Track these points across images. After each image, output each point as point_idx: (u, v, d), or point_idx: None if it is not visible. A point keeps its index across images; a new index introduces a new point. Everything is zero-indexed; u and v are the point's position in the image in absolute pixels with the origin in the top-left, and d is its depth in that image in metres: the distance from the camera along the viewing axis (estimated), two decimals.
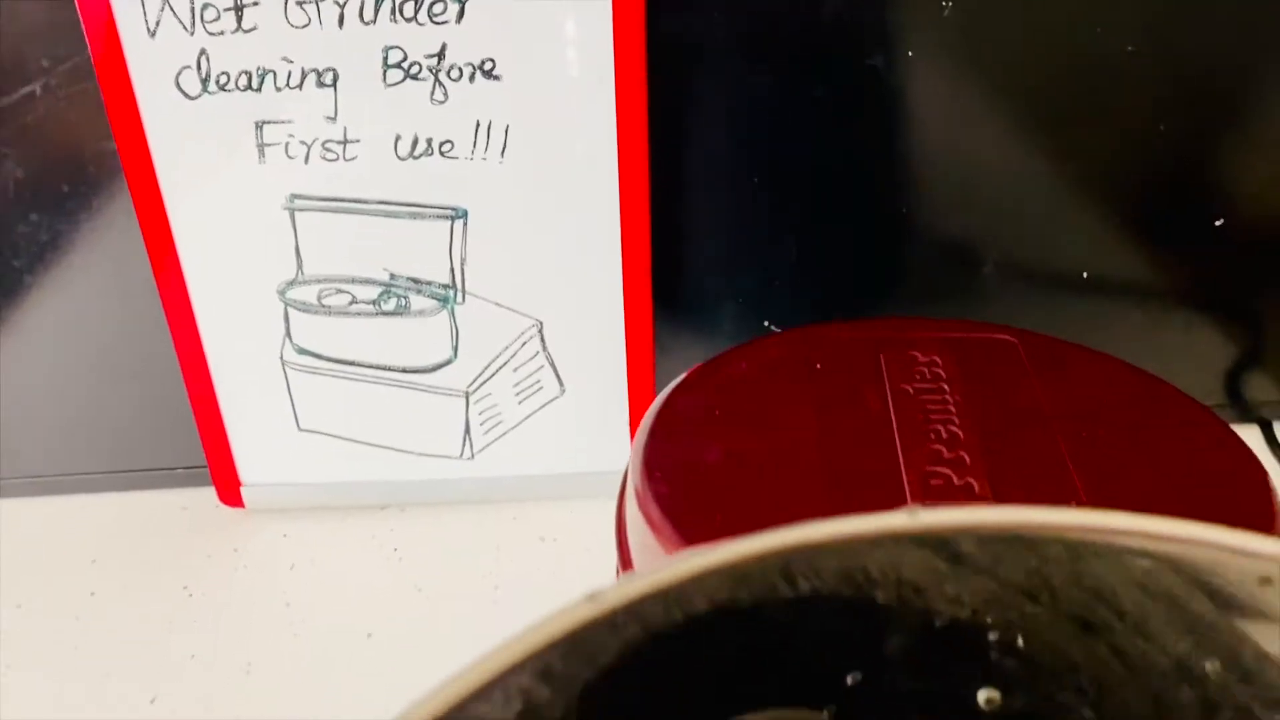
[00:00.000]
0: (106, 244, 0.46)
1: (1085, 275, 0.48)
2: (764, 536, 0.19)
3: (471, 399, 0.48)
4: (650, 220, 0.44)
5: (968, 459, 0.27)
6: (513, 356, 0.47)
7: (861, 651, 0.21)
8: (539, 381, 0.48)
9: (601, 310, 0.46)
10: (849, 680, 0.22)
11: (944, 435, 0.28)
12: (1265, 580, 0.18)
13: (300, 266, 0.45)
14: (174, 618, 0.46)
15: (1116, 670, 0.20)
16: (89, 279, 0.47)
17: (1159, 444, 0.27)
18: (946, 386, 0.30)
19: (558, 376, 0.48)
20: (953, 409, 0.29)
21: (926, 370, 0.31)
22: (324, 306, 0.46)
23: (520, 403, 0.48)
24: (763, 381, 0.32)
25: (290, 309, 0.46)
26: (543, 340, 0.47)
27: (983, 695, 0.22)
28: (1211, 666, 0.19)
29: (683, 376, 0.32)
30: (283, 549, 0.50)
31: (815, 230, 0.47)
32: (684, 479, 0.28)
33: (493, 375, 0.48)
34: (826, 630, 0.22)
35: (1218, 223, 0.47)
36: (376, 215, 0.44)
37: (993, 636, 0.21)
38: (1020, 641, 0.21)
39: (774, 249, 0.47)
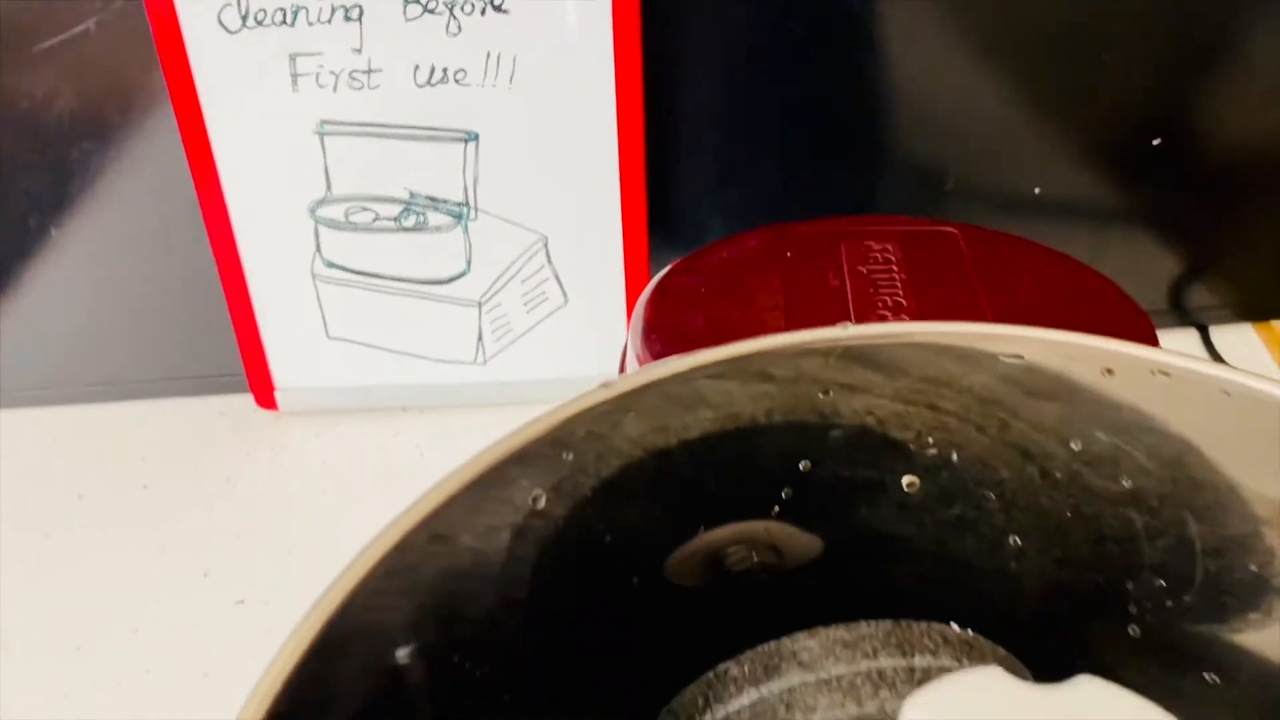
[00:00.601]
0: (153, 169, 0.51)
1: (1037, 191, 0.54)
2: (737, 344, 0.24)
3: (484, 309, 0.53)
4: (645, 143, 0.49)
5: (905, 317, 0.32)
6: (520, 269, 0.52)
7: (812, 444, 0.26)
8: (545, 293, 0.53)
9: (601, 226, 0.51)
10: (801, 466, 0.27)
11: (889, 303, 0.33)
12: (1108, 371, 0.23)
13: (329, 186, 0.50)
14: (219, 505, 0.52)
15: (988, 443, 0.25)
16: (137, 201, 0.52)
17: (1062, 298, 0.33)
18: (895, 267, 0.35)
19: (561, 288, 0.53)
20: (898, 284, 0.34)
21: (879, 255, 0.36)
22: (350, 223, 0.51)
23: (528, 312, 0.54)
24: (741, 266, 0.37)
25: (320, 225, 0.51)
26: (548, 254, 0.52)
27: (906, 479, 0.28)
28: (1074, 444, 0.24)
29: (675, 263, 0.38)
30: (315, 446, 0.55)
31: (793, 154, 0.52)
32: (674, 340, 0.33)
33: (503, 287, 0.53)
34: (789, 430, 0.27)
35: (1155, 142, 0.52)
36: (398, 139, 0.49)
37: (910, 434, 0.26)
38: (930, 441, 0.27)
39: (756, 170, 0.52)
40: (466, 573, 0.26)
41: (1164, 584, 0.29)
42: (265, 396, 0.55)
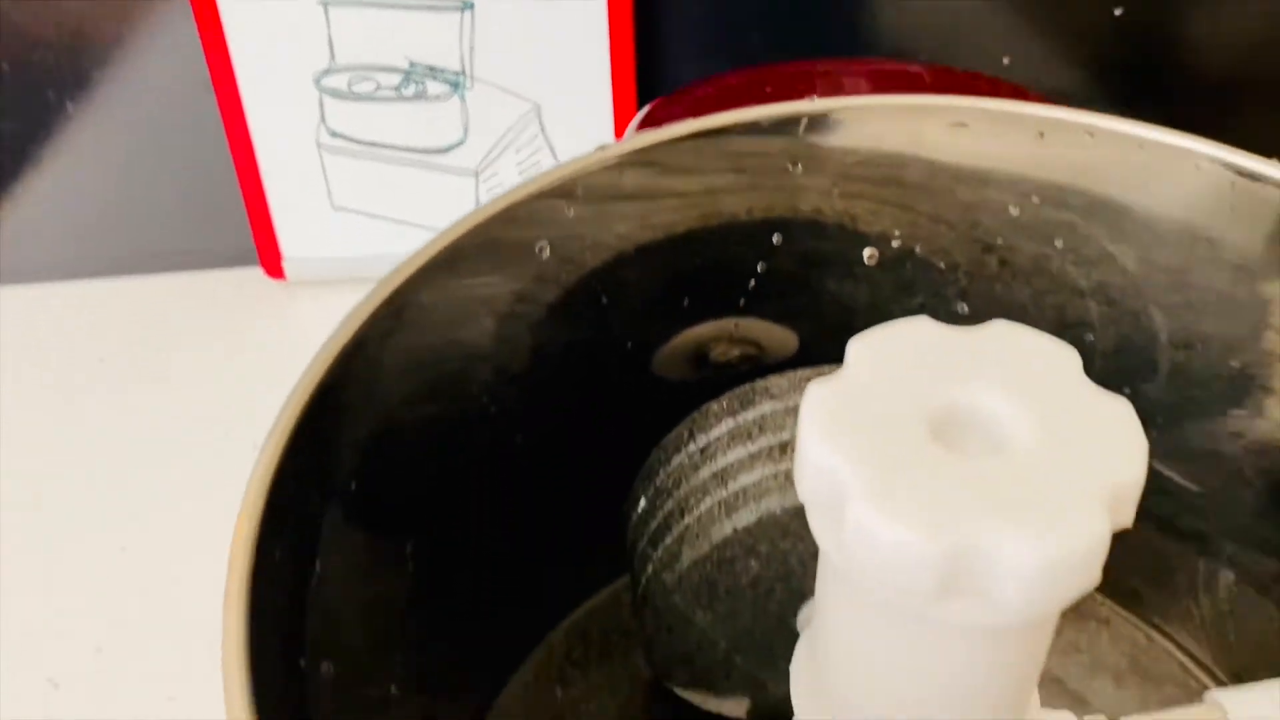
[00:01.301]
0: (166, 44, 0.54)
1: (1006, 62, 0.56)
2: (716, 115, 0.28)
3: (480, 177, 0.56)
4: (633, 12, 0.52)
5: None
6: (515, 138, 0.55)
7: (788, 215, 0.30)
8: (538, 161, 0.56)
9: (591, 94, 0.54)
10: (775, 239, 0.30)
11: None
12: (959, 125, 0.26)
13: (333, 57, 0.53)
14: (232, 367, 0.55)
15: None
16: (150, 76, 0.55)
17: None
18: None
19: (554, 156, 0.56)
20: None
21: (850, 89, 0.39)
22: (353, 93, 0.54)
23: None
24: (721, 101, 0.40)
25: (324, 95, 0.54)
26: (541, 123, 0.55)
27: (866, 252, 0.31)
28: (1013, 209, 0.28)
29: (656, 100, 0.41)
30: (323, 312, 0.58)
31: (777, 22, 0.55)
32: None
33: (498, 156, 0.56)
34: (761, 225, 0.30)
35: (1117, 12, 0.55)
36: (398, 8, 0.52)
37: (876, 230, 0.30)
38: (896, 234, 0.30)
39: (740, 36, 0.55)
40: (488, 361, 0.30)
41: (1123, 370, 0.32)
42: (274, 267, 0.58)
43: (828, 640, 0.22)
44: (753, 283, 0.31)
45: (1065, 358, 0.20)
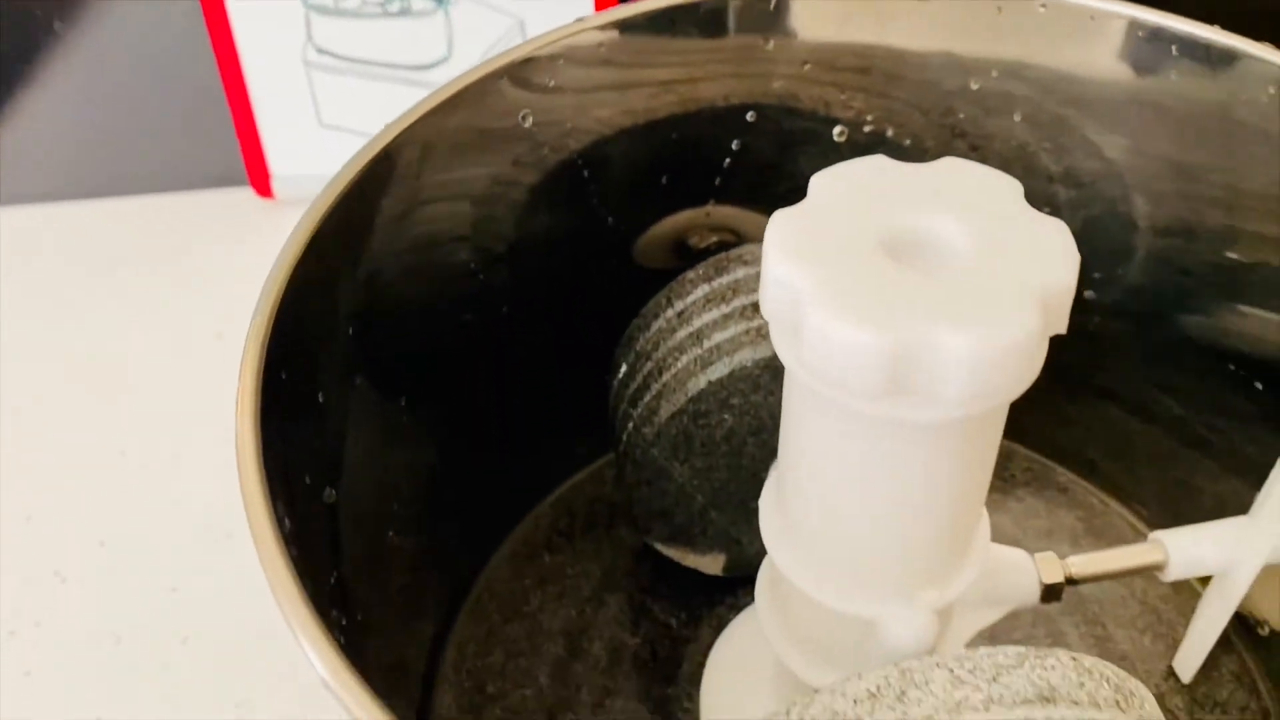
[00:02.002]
0: None
1: None
2: None
3: None
4: None
5: None
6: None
7: (762, 98, 0.31)
8: None
9: (574, 7, 0.55)
10: (749, 117, 0.32)
11: None
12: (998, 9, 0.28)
13: None
14: (223, 282, 0.56)
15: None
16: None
17: None
18: None
19: None
20: None
21: None
22: (339, 9, 0.55)
23: None
24: None
25: (311, 12, 0.55)
26: (524, 37, 0.56)
27: (836, 129, 0.32)
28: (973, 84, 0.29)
29: None
30: None
31: None
32: None
33: None
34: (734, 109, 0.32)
35: None
36: None
37: (842, 107, 0.31)
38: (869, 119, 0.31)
39: None
40: (478, 231, 0.31)
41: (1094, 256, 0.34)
42: (263, 186, 0.60)
43: (791, 464, 0.24)
44: (728, 161, 0.33)
45: (1008, 186, 0.21)
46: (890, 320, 0.19)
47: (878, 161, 0.22)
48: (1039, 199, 0.34)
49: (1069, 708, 0.21)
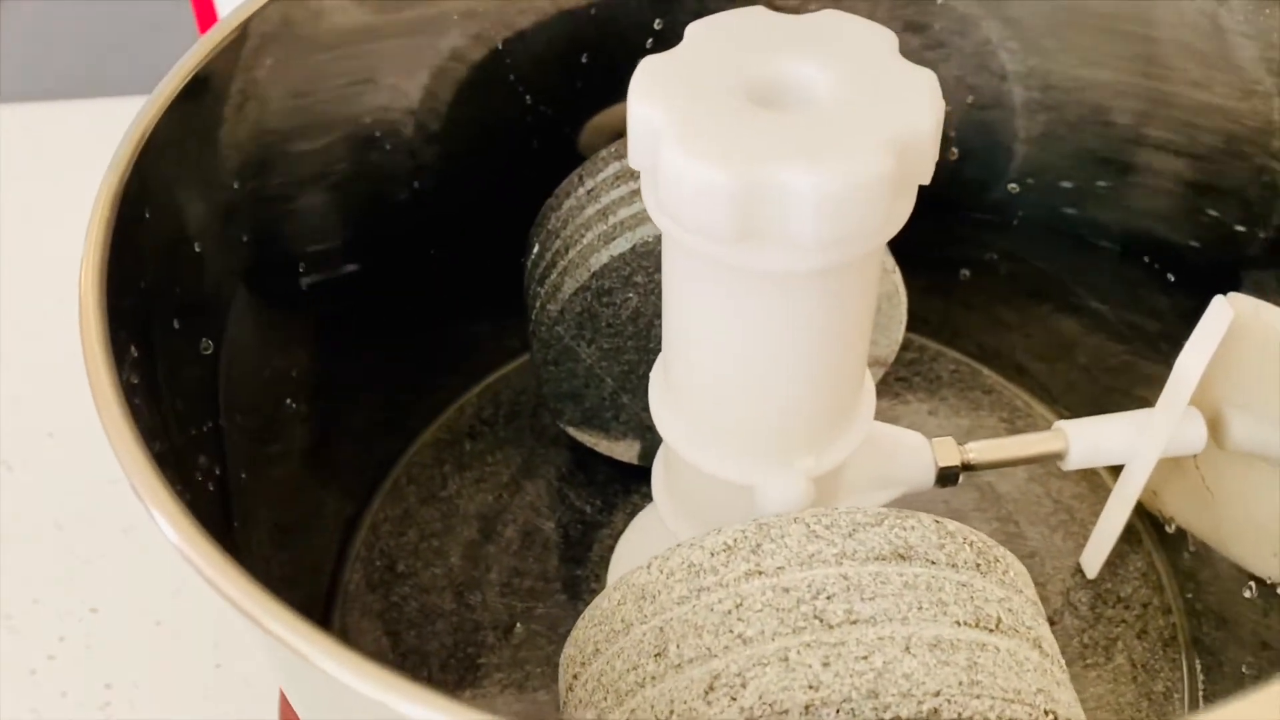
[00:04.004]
0: None
1: None
2: None
3: None
4: None
5: None
6: None
7: None
8: None
9: None
10: None
11: None
12: None
13: None
14: None
15: None
16: None
17: None
18: None
19: None
20: None
21: None
22: None
23: None
24: None
25: None
26: None
27: None
28: None
29: None
30: None
31: None
32: None
33: None
34: None
35: None
36: None
37: None
38: None
39: None
40: (387, 106, 0.31)
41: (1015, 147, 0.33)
42: None
43: (670, 326, 0.24)
44: (650, 42, 0.32)
45: (883, 38, 0.21)
46: (740, 158, 0.19)
47: (756, 11, 0.22)
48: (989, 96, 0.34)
49: (924, 566, 0.21)
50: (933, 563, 0.21)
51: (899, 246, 0.32)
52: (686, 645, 0.21)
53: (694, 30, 0.21)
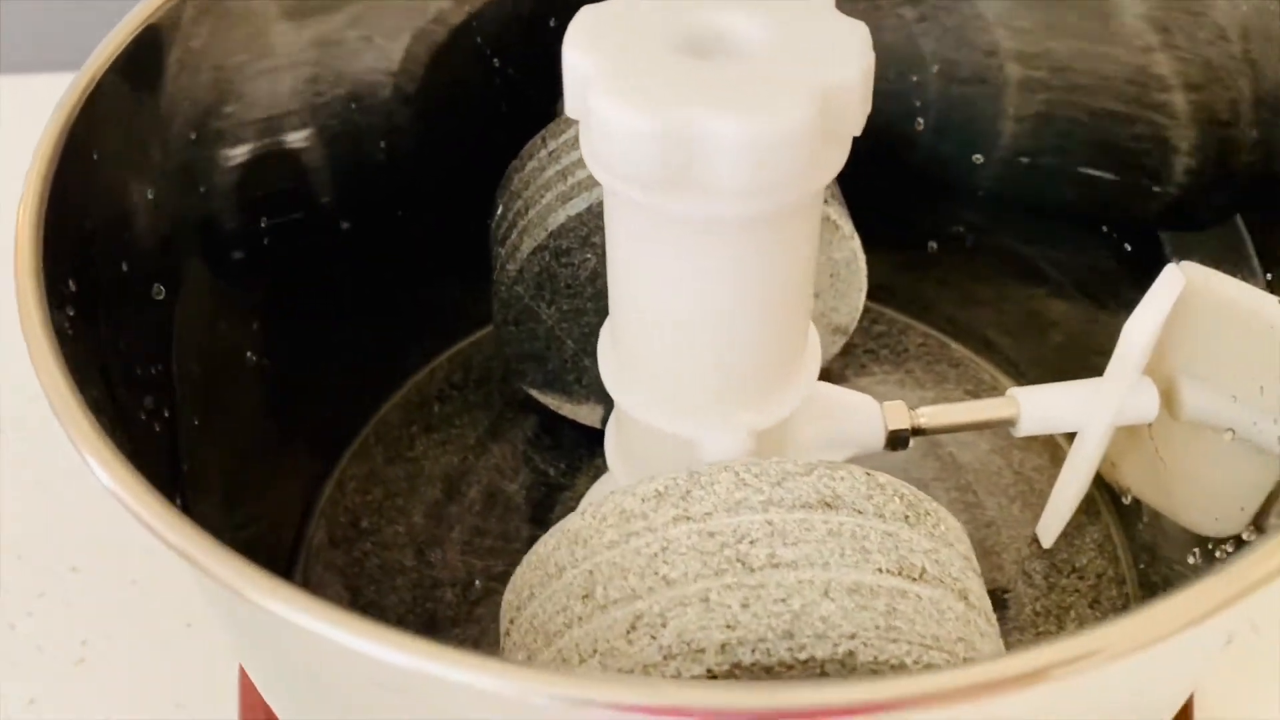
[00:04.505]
0: None
1: None
2: None
3: None
4: None
5: None
6: None
7: None
8: None
9: None
10: None
11: None
12: None
13: None
14: None
15: None
16: None
17: None
18: None
19: None
20: None
21: None
22: None
23: None
24: None
25: None
26: None
27: None
28: None
29: None
30: None
31: None
32: None
33: None
34: None
35: None
36: None
37: None
38: None
39: None
40: (370, 66, 0.31)
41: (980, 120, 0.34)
42: None
43: (614, 280, 0.24)
44: None
45: None
46: (664, 104, 0.19)
47: None
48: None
49: (850, 515, 0.22)
50: (859, 512, 0.22)
51: (865, 216, 0.33)
52: (613, 587, 0.21)
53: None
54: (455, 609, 0.32)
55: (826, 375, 0.37)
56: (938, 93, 0.34)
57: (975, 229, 0.35)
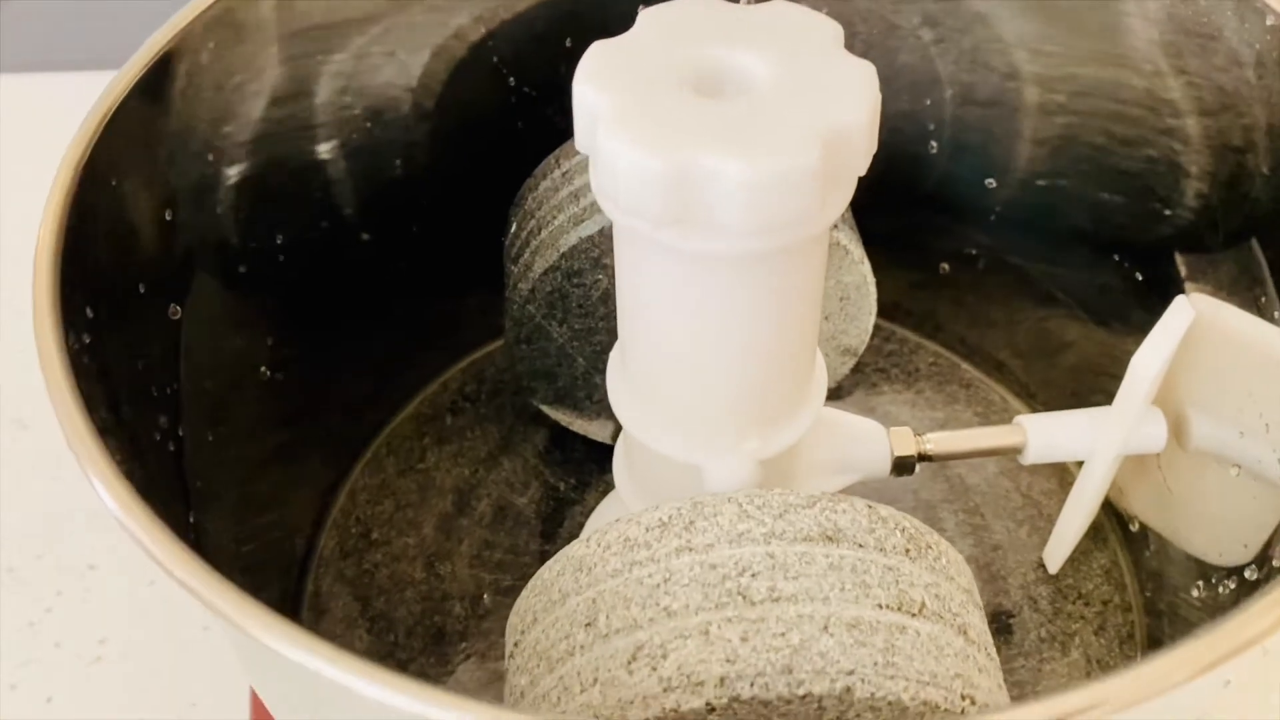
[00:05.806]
0: None
1: None
2: None
3: None
4: None
5: None
6: None
7: None
8: None
9: None
10: None
11: None
12: None
13: None
14: None
15: None
16: None
17: None
18: None
19: None
20: None
21: None
22: None
23: None
24: None
25: None
26: None
27: None
28: None
29: None
30: None
31: None
32: None
33: None
34: None
35: None
36: None
37: None
38: None
39: None
40: (391, 81, 0.31)
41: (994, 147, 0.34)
42: None
43: (622, 309, 0.24)
44: None
45: (828, 29, 0.21)
46: (670, 145, 0.19)
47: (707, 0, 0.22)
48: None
49: (851, 548, 0.22)
50: (860, 545, 0.22)
51: (878, 235, 0.33)
52: (615, 616, 0.21)
53: (645, 16, 0.22)
54: (464, 622, 0.32)
55: (836, 393, 0.37)
56: (952, 115, 0.34)
57: (988, 250, 0.35)
